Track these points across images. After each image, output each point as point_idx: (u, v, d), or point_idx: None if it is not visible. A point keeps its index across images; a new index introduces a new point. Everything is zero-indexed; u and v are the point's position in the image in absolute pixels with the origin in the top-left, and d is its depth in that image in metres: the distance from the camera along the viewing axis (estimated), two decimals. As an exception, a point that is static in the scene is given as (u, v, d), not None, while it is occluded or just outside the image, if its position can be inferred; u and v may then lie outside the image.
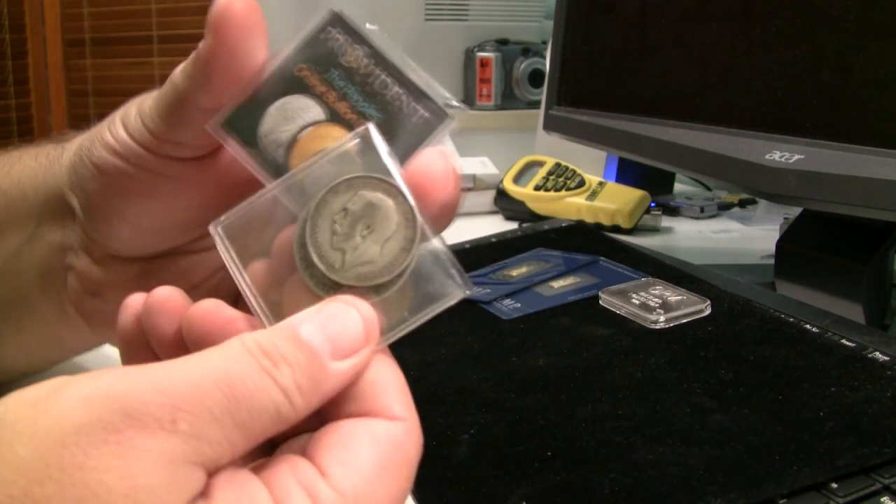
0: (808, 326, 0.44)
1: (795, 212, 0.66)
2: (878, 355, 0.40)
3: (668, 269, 0.55)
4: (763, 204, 0.93)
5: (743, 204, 0.97)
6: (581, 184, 0.88)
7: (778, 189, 0.49)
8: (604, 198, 0.86)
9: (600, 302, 0.50)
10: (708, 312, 0.47)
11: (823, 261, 0.55)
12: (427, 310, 0.25)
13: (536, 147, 1.02)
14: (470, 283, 0.25)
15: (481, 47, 1.19)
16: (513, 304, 0.52)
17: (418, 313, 0.25)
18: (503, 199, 0.92)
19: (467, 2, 1.21)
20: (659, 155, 0.61)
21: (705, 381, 0.39)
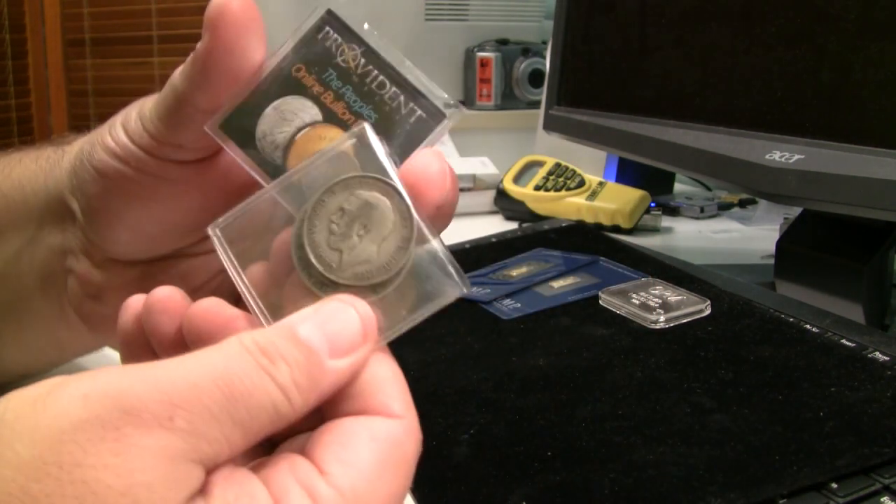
0: (808, 326, 0.44)
1: (795, 212, 0.66)
2: (878, 355, 0.40)
3: (668, 269, 0.55)
4: (763, 204, 0.93)
5: (743, 204, 0.97)
6: (581, 184, 0.88)
7: (778, 189, 0.49)
8: (604, 198, 0.86)
9: (600, 302, 0.50)
10: (708, 312, 0.47)
11: (823, 261, 0.55)
12: (425, 308, 0.25)
13: (536, 147, 1.02)
14: (467, 282, 0.25)
15: (481, 47, 1.19)
16: (513, 304, 0.52)
17: (416, 312, 0.25)
18: (503, 199, 0.92)
19: (467, 2, 1.21)
20: (659, 155, 0.61)
21: (705, 381, 0.39)
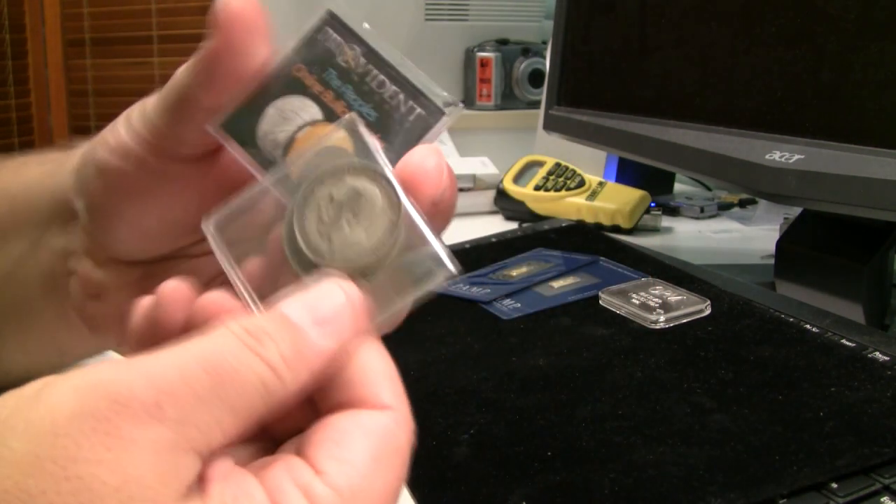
0: (808, 326, 0.44)
1: (795, 212, 0.66)
2: (878, 355, 0.40)
3: (668, 269, 0.55)
4: (763, 204, 0.93)
5: (743, 204, 0.97)
6: (581, 184, 0.88)
7: (778, 189, 0.49)
8: (604, 198, 0.86)
9: (600, 302, 0.50)
10: (708, 312, 0.47)
11: (823, 261, 0.55)
12: (414, 291, 0.25)
13: (536, 147, 1.02)
14: (457, 263, 0.25)
15: (481, 47, 1.19)
16: (513, 304, 0.52)
17: (406, 294, 0.25)
18: (503, 199, 0.92)
19: (467, 2, 1.21)
20: (659, 155, 0.61)
21: (705, 381, 0.39)
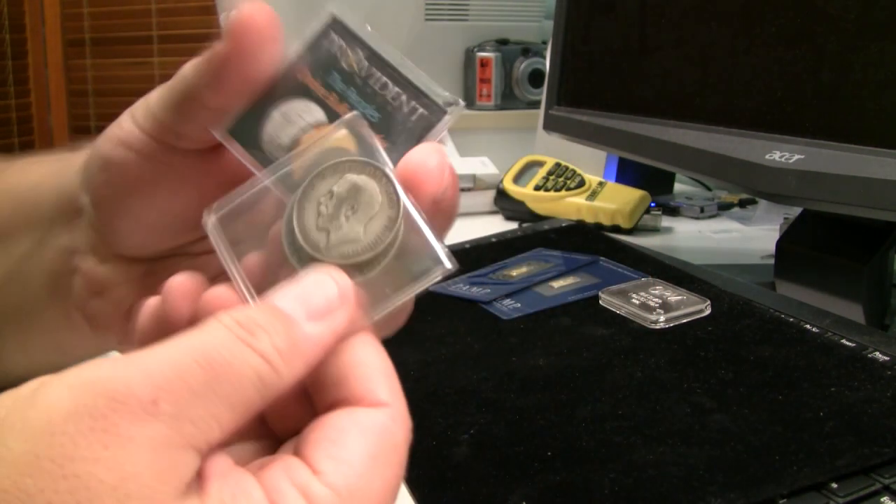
0: (808, 326, 0.44)
1: (795, 212, 0.66)
2: (878, 355, 0.40)
3: (668, 269, 0.55)
4: (763, 204, 0.93)
5: (743, 204, 0.97)
6: (581, 184, 0.88)
7: (778, 189, 0.49)
8: (604, 198, 0.86)
9: (600, 302, 0.50)
10: (708, 312, 0.47)
11: (823, 261, 0.55)
12: (411, 287, 0.25)
13: (536, 147, 1.02)
14: (454, 260, 0.25)
15: (481, 47, 1.19)
16: (513, 304, 0.52)
17: (402, 291, 0.25)
18: (503, 199, 0.92)
19: (467, 2, 1.21)
20: (659, 155, 0.61)
21: (705, 381, 0.39)
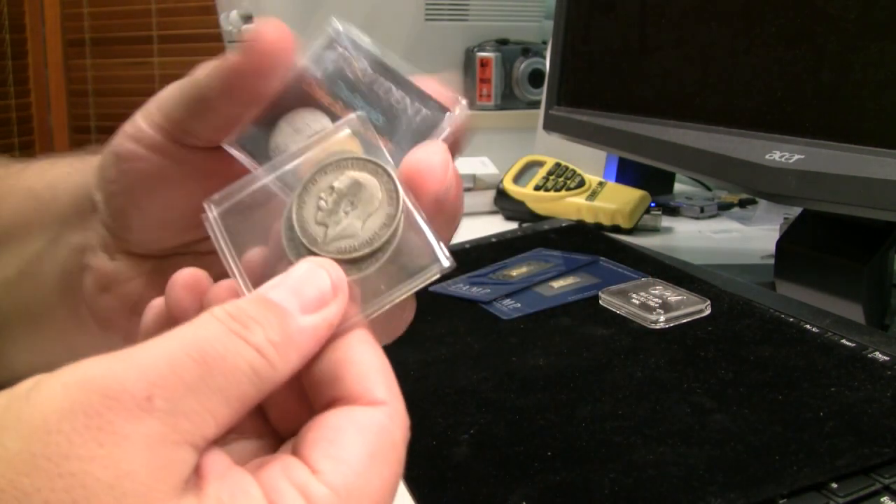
0: (808, 326, 0.44)
1: (795, 212, 0.66)
2: (878, 355, 0.40)
3: (668, 269, 0.55)
4: (763, 204, 0.93)
5: (743, 204, 0.97)
6: (581, 184, 0.88)
7: (778, 189, 0.49)
8: (604, 198, 0.86)
9: (600, 302, 0.50)
10: (708, 312, 0.47)
11: (823, 261, 0.55)
12: (407, 284, 0.25)
13: (536, 147, 1.02)
14: (451, 258, 0.25)
15: (481, 47, 1.18)
16: (513, 304, 0.52)
17: (398, 287, 0.25)
18: (503, 199, 0.92)
19: (467, 2, 1.21)
20: (659, 155, 0.61)
21: (705, 381, 0.39)
